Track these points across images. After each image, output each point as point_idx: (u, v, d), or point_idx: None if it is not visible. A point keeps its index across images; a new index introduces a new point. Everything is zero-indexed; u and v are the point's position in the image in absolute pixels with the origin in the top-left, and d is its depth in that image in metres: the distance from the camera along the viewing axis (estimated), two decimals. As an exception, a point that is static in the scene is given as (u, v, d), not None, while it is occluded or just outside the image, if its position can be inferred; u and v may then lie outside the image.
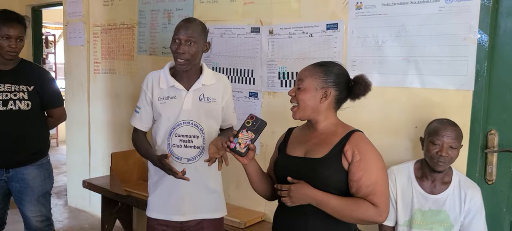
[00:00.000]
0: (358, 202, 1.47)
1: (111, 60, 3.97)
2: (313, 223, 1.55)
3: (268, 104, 2.85)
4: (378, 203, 1.46)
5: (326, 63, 1.61)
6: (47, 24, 7.51)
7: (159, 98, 2.03)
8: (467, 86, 2.11)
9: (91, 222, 4.16)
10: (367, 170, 1.49)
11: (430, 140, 1.94)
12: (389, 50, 2.31)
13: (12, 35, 2.36)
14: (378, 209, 1.46)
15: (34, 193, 2.53)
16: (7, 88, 2.41)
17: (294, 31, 2.68)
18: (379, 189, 1.49)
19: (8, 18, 2.39)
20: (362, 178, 1.49)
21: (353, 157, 1.51)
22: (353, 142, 1.53)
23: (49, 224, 2.65)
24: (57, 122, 2.76)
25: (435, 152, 1.91)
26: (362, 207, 1.46)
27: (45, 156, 2.61)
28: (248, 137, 1.54)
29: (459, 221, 1.97)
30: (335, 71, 1.59)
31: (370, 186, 1.48)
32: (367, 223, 1.52)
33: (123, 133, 3.92)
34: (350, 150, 1.52)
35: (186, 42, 1.94)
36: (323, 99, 1.56)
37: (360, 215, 1.47)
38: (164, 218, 2.07)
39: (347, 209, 1.47)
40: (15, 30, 2.37)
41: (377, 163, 1.53)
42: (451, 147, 1.89)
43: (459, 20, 2.10)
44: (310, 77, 1.57)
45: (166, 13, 3.42)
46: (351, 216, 1.48)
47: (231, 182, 2.99)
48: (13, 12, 2.47)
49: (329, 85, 1.56)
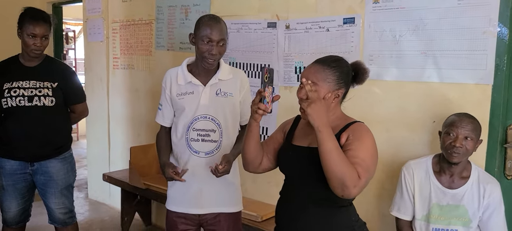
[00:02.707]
0: (349, 162, 1.43)
1: (130, 56, 4.03)
2: (314, 213, 1.56)
3: (284, 99, 2.84)
4: (360, 174, 1.42)
5: (334, 63, 1.57)
6: (67, 21, 7.63)
7: (177, 95, 2.07)
8: (486, 81, 2.08)
9: (111, 214, 4.24)
10: (357, 148, 1.48)
11: (445, 131, 1.93)
12: (407, 44, 2.30)
13: (38, 34, 2.41)
14: (358, 180, 1.42)
15: (58, 186, 2.59)
16: (32, 84, 2.46)
17: (310, 25, 2.68)
18: (365, 165, 1.45)
19: (34, 16, 2.43)
20: (350, 151, 1.47)
21: (347, 139, 1.51)
22: (351, 129, 1.54)
23: (72, 216, 2.71)
24: (80, 117, 2.81)
25: (449, 142, 1.90)
26: (350, 167, 1.42)
27: (68, 149, 2.67)
28: (270, 92, 1.49)
29: (478, 216, 1.95)
30: (345, 71, 1.58)
31: (356, 159, 1.45)
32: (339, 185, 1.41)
33: (142, 127, 3.99)
34: (345, 135, 1.52)
35: (218, 43, 1.98)
36: (335, 99, 1.57)
37: (344, 171, 1.40)
38: (183, 211, 2.11)
39: (340, 158, 1.41)
40: (41, 28, 2.41)
41: (370, 147, 1.51)
42: (466, 137, 1.88)
43: (478, 13, 2.08)
44: (323, 81, 1.54)
45: (184, 9, 3.45)
46: (337, 167, 1.40)
47: (248, 176, 3.01)
48: (39, 10, 2.51)
49: (341, 86, 1.57)
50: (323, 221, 1.56)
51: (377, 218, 2.45)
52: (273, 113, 2.87)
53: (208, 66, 2.02)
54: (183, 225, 2.12)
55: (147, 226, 3.95)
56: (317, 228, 1.56)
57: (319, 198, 1.54)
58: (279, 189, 1.72)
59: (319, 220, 1.56)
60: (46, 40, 2.47)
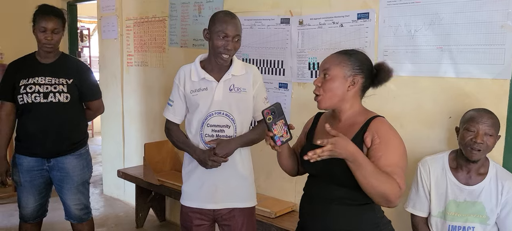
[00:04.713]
0: (389, 176, 1.42)
1: (144, 53, 4.06)
2: (337, 212, 1.54)
3: (298, 95, 2.85)
4: (400, 183, 1.42)
5: (350, 51, 1.60)
6: (82, 18, 7.70)
7: (191, 91, 2.07)
8: (504, 76, 2.05)
9: (126, 210, 4.29)
10: (387, 152, 1.46)
11: (465, 127, 1.90)
12: (422, 39, 2.27)
13: (47, 28, 2.45)
14: (400, 190, 1.42)
15: (74, 182, 2.62)
16: (48, 81, 2.49)
17: (324, 21, 2.67)
18: (399, 170, 1.44)
19: (44, 11, 2.48)
20: (381, 158, 1.45)
21: (372, 141, 1.48)
22: (373, 127, 1.51)
23: (88, 212, 2.74)
24: (95, 114, 2.83)
25: (470, 138, 1.87)
26: (391, 182, 1.41)
27: (84, 146, 2.69)
28: (281, 125, 1.50)
29: (495, 213, 1.92)
30: (360, 58, 1.57)
31: (390, 167, 1.43)
32: (383, 201, 1.43)
33: (155, 124, 4.01)
34: (370, 135, 1.49)
35: (233, 38, 1.99)
36: (351, 87, 1.55)
37: (386, 189, 1.40)
38: (198, 206, 2.12)
39: (378, 178, 1.40)
40: (49, 22, 2.45)
41: (398, 147, 1.49)
42: (486, 133, 1.85)
43: (496, 7, 2.04)
44: (337, 65, 1.55)
45: (197, 6, 3.46)
46: (377, 187, 1.40)
47: (262, 172, 3.02)
48: (50, 6, 2.55)
49: (357, 72, 1.55)
50: (347, 220, 1.54)
51: (392, 215, 2.42)
52: (286, 110, 2.86)
53: (222, 62, 2.02)
54: (198, 220, 2.13)
55: (161, 222, 3.99)
56: (341, 226, 1.54)
57: (343, 197, 1.53)
58: (293, 185, 1.73)
59: (343, 218, 1.54)
60: (57, 34, 2.49)
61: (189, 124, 2.12)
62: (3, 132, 2.59)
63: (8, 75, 2.55)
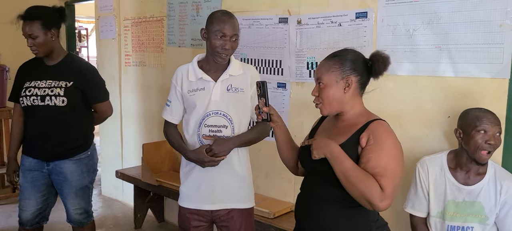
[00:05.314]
0: (369, 176, 1.42)
1: (142, 53, 4.05)
2: (331, 212, 1.55)
3: (296, 95, 2.84)
4: (384, 186, 1.40)
5: (338, 53, 1.60)
6: (79, 19, 7.70)
7: (188, 91, 2.07)
8: (503, 75, 2.04)
9: (124, 211, 4.28)
10: (379, 154, 1.45)
11: (474, 128, 1.86)
12: (421, 38, 2.26)
13: (25, 33, 2.41)
14: (383, 193, 1.40)
15: (72, 187, 2.57)
16: (48, 84, 2.46)
17: (322, 20, 2.66)
18: (389, 174, 1.43)
19: (22, 16, 2.42)
20: (371, 160, 1.44)
21: (367, 142, 1.48)
22: (371, 129, 1.50)
23: (88, 216, 2.69)
24: (102, 117, 2.73)
25: (483, 140, 1.84)
26: (370, 182, 1.40)
27: (85, 151, 2.60)
28: (262, 103, 1.64)
29: (494, 213, 1.92)
30: (350, 58, 1.57)
31: (377, 168, 1.43)
32: (365, 202, 1.43)
33: (154, 124, 4.00)
34: (366, 136, 1.49)
35: (231, 38, 1.98)
36: (347, 89, 1.55)
37: (365, 189, 1.40)
38: (195, 207, 2.11)
39: (356, 177, 1.41)
40: (25, 27, 2.40)
41: (391, 150, 1.47)
42: (496, 132, 1.84)
43: (494, 6, 2.03)
44: (327, 72, 1.55)
45: (195, 5, 3.44)
46: (356, 186, 1.41)
47: (260, 173, 3.01)
48: (30, 8, 2.44)
49: (349, 73, 1.55)
50: (340, 220, 1.54)
51: (392, 215, 2.42)
52: (285, 110, 2.85)
53: (220, 61, 2.01)
54: (196, 222, 2.12)
55: (159, 223, 3.98)
56: (334, 226, 1.55)
57: (337, 197, 1.53)
58: (291, 186, 1.73)
59: (336, 218, 1.55)
60: (35, 39, 2.41)
61: (186, 124, 2.11)
62: (14, 133, 2.61)
63: (17, 77, 2.57)
